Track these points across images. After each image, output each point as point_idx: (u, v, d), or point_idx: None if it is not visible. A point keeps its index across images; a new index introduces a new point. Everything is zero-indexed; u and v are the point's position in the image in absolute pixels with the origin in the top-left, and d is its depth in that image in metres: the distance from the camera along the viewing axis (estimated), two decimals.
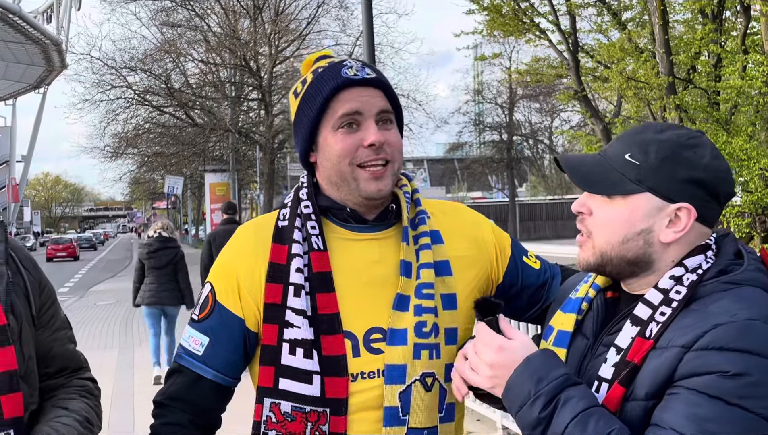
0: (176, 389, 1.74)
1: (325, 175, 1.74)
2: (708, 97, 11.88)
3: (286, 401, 1.65)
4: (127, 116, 31.99)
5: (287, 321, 1.66)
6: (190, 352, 1.73)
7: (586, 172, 1.52)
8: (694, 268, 1.44)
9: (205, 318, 1.73)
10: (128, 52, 30.02)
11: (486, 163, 51.61)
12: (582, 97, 14.39)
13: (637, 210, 1.46)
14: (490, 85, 50.38)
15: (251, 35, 28.68)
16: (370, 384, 1.65)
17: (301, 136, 1.75)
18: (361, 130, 1.69)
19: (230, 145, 31.65)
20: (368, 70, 1.73)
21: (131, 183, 50.62)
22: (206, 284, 1.78)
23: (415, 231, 1.76)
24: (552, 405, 1.37)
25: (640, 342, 1.40)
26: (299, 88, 1.77)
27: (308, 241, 1.71)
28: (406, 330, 1.67)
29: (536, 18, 14.53)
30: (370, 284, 1.70)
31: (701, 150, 1.45)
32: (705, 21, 11.91)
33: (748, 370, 1.29)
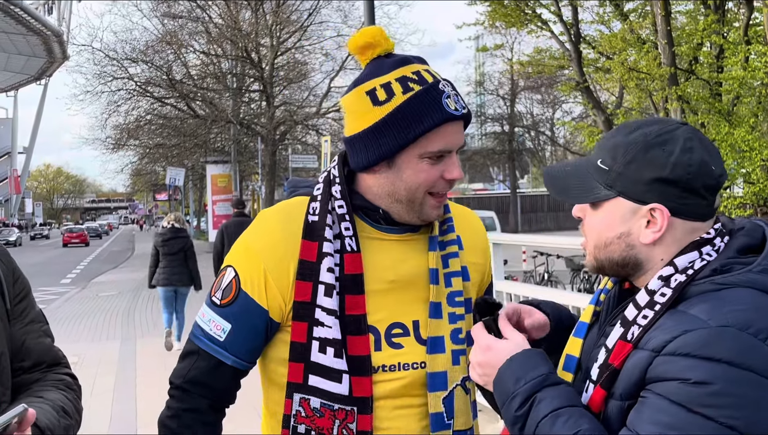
0: (196, 374, 1.73)
1: (388, 188, 1.71)
2: (710, 88, 11.86)
3: (315, 397, 1.67)
4: (129, 108, 32.01)
5: (317, 319, 1.68)
6: (210, 336, 1.72)
7: (564, 182, 1.55)
8: (685, 267, 1.42)
9: (229, 304, 1.72)
10: (129, 43, 30.04)
11: (488, 154, 51.62)
12: (584, 88, 14.37)
13: (613, 214, 1.47)
14: (492, 76, 50.39)
15: (252, 26, 28.64)
16: (390, 376, 1.70)
17: (378, 150, 1.68)
18: (443, 163, 1.68)
19: (232, 137, 31.63)
20: (461, 101, 1.71)
21: (133, 174, 50.62)
22: (228, 269, 1.75)
23: (443, 237, 1.79)
24: (528, 404, 1.41)
25: (621, 345, 1.41)
26: (382, 96, 1.68)
27: (341, 241, 1.71)
28: (443, 337, 1.72)
29: (538, 9, 14.50)
30: (395, 282, 1.73)
31: (670, 146, 1.42)
32: (707, 12, 11.87)
33: (711, 378, 1.28)
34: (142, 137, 35.00)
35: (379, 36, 1.74)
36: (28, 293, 1.81)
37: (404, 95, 1.66)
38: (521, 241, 11.19)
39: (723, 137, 10.52)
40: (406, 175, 1.68)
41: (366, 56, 1.74)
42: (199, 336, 1.74)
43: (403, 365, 1.70)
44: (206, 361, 1.72)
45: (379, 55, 1.73)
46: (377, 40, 1.73)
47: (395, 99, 1.67)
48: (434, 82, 1.69)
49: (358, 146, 1.72)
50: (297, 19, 30.31)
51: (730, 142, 10.39)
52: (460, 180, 1.75)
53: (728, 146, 10.49)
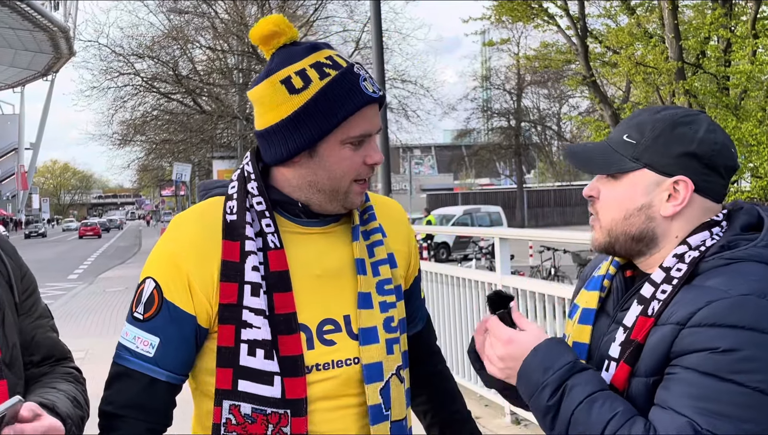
0: (129, 396, 1.63)
1: (310, 178, 1.66)
2: (717, 82, 11.82)
3: (246, 403, 1.60)
4: (135, 103, 32.04)
5: (245, 321, 1.61)
6: (138, 353, 1.63)
7: (588, 156, 1.59)
8: (697, 245, 1.48)
9: (152, 317, 1.63)
10: (136, 39, 30.06)
11: (494, 149, 51.56)
12: (591, 82, 14.34)
13: (636, 186, 1.51)
14: (498, 71, 50.28)
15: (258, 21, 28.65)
16: (325, 375, 1.64)
17: (298, 140, 1.63)
18: (363, 148, 1.65)
19: (238, 132, 31.63)
20: (376, 84, 1.68)
21: (139, 170, 50.67)
22: (147, 281, 1.67)
23: (366, 226, 1.76)
24: (559, 393, 1.42)
25: (642, 320, 1.45)
26: (298, 84, 1.62)
27: (263, 239, 1.65)
28: (376, 328, 1.68)
29: (545, 3, 14.46)
30: (322, 277, 1.68)
31: (696, 125, 1.50)
32: (715, 5, 11.83)
33: (739, 345, 1.32)
34: (149, 133, 35.04)
35: (283, 24, 1.68)
36: (36, 289, 1.82)
37: (321, 81, 1.62)
38: (528, 235, 11.19)
39: (730, 131, 10.48)
40: (329, 164, 1.64)
41: (271, 46, 1.68)
42: (126, 356, 1.65)
43: (337, 362, 1.65)
44: (138, 381, 1.63)
45: (285, 43, 1.68)
46: (281, 28, 1.68)
47: (313, 85, 1.62)
48: (349, 66, 1.66)
49: (276, 138, 1.65)
50: (303, 14, 30.29)
51: (738, 136, 10.36)
52: (379, 163, 1.70)
53: (736, 140, 10.45)
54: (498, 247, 6.56)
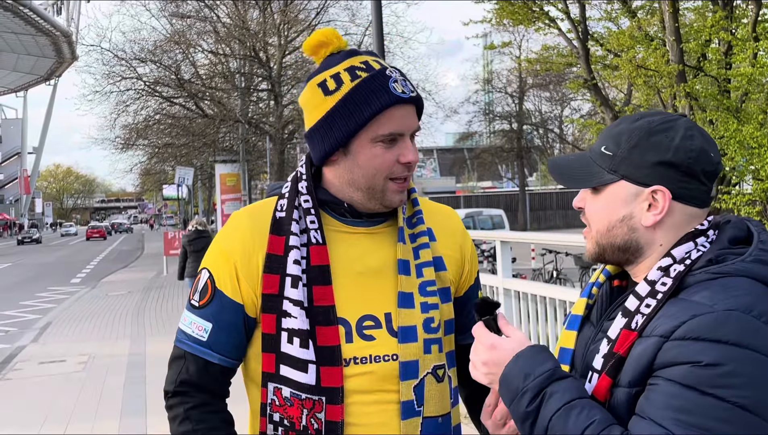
0: (186, 377, 1.77)
1: (347, 177, 1.77)
2: (718, 84, 11.82)
3: (286, 387, 1.71)
4: (138, 107, 32.04)
5: (284, 311, 1.72)
6: (194, 338, 1.77)
7: (568, 170, 1.61)
8: (683, 257, 1.48)
9: (206, 304, 1.77)
10: (138, 43, 30.07)
11: (496, 152, 51.58)
12: (592, 85, 14.35)
13: (616, 198, 1.53)
14: (500, 74, 50.31)
15: (260, 26, 28.66)
16: (362, 369, 1.72)
17: (332, 138, 1.74)
18: (397, 147, 1.74)
19: (240, 136, 31.66)
20: (409, 85, 1.77)
21: (142, 174, 50.73)
22: (203, 271, 1.81)
23: (413, 229, 1.83)
24: (538, 399, 1.43)
25: (626, 334, 1.46)
26: (332, 85, 1.75)
27: (306, 234, 1.76)
28: (415, 327, 1.75)
29: (545, 6, 14.48)
30: (364, 274, 1.77)
31: (672, 132, 1.49)
32: (715, 8, 11.84)
33: (722, 360, 1.32)
34: (151, 137, 35.06)
35: (332, 35, 1.81)
36: None
37: (352, 83, 1.73)
38: (530, 238, 11.19)
39: (732, 134, 10.48)
40: (361, 161, 1.74)
41: (320, 55, 1.81)
42: (183, 340, 1.79)
43: (375, 357, 1.73)
44: (194, 363, 1.77)
45: (332, 52, 1.80)
46: (329, 38, 1.80)
47: (344, 87, 1.73)
48: (381, 68, 1.76)
49: (316, 139, 1.78)
50: (305, 18, 30.32)
51: (739, 138, 10.36)
52: (417, 161, 1.79)
53: (737, 143, 10.46)
54: (499, 250, 6.58)
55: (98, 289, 22.34)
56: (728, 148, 10.59)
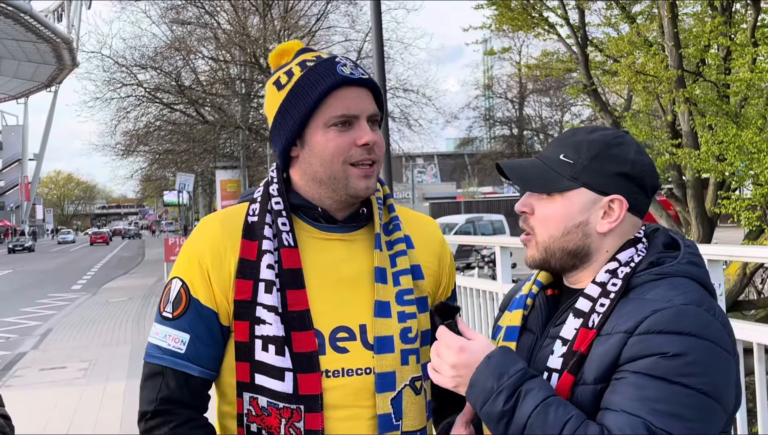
0: (167, 394, 1.67)
1: (309, 171, 1.72)
2: (718, 90, 11.82)
3: (262, 396, 1.65)
4: (138, 114, 32.08)
5: (258, 317, 1.65)
6: (171, 351, 1.68)
7: (525, 174, 1.65)
8: (627, 261, 1.57)
9: (181, 315, 1.68)
10: (138, 50, 30.12)
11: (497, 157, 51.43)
12: (591, 91, 14.35)
13: (574, 204, 1.59)
14: (500, 79, 50.35)
15: (261, 32, 28.70)
16: (334, 383, 1.66)
17: (286, 130, 1.71)
18: (354, 130, 1.69)
19: (241, 142, 31.68)
20: (361, 70, 1.73)
21: (142, 180, 50.71)
22: (174, 281, 1.72)
23: (389, 236, 1.78)
24: (514, 398, 1.45)
25: (584, 332, 1.51)
26: (284, 80, 1.72)
27: (278, 238, 1.70)
28: (392, 337, 1.69)
29: (545, 12, 14.49)
30: (338, 283, 1.71)
31: (626, 147, 1.60)
32: (714, 14, 11.85)
33: (686, 350, 1.41)
34: (152, 143, 35.09)
35: (293, 45, 1.80)
36: None
37: (301, 72, 1.71)
38: None
39: (731, 139, 10.48)
40: (317, 149, 1.69)
41: (281, 63, 1.80)
42: (158, 355, 1.69)
43: (348, 371, 1.67)
44: (174, 379, 1.67)
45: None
46: (291, 47, 1.80)
47: (293, 78, 1.72)
48: (331, 57, 1.74)
49: (274, 136, 1.76)
50: (305, 24, 30.37)
51: (738, 144, 10.36)
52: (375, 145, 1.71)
53: (736, 148, 10.46)
54: (499, 255, 6.58)
55: (99, 296, 22.34)
56: (728, 153, 10.59)
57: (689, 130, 11.50)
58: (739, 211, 10.71)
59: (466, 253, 26.85)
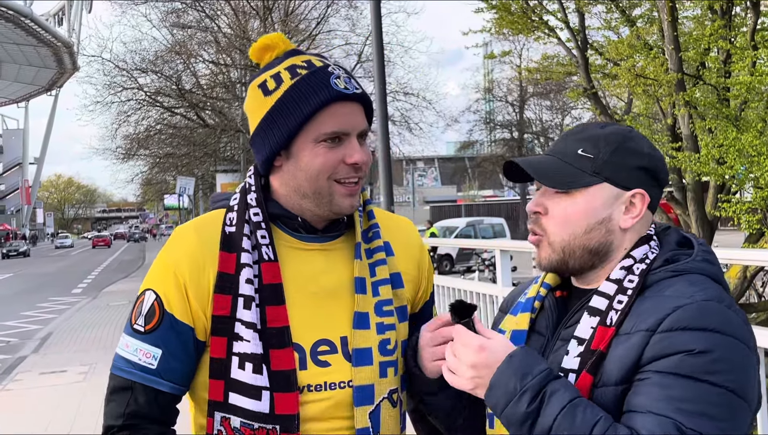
0: (136, 408, 1.61)
1: (292, 183, 1.65)
2: (718, 93, 11.82)
3: (235, 416, 1.58)
4: (139, 117, 32.12)
5: (236, 334, 1.59)
6: (141, 366, 1.61)
7: (543, 169, 1.58)
8: (642, 258, 1.53)
9: (154, 329, 1.61)
10: (139, 53, 30.16)
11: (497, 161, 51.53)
12: (592, 94, 14.36)
13: (596, 200, 1.54)
14: (501, 83, 50.38)
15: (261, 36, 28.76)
16: (316, 396, 1.61)
17: (272, 140, 1.63)
18: (343, 147, 1.62)
19: (241, 146, 31.69)
20: (354, 83, 1.66)
21: (143, 184, 50.74)
22: (147, 292, 1.65)
23: (369, 244, 1.72)
24: (539, 399, 1.39)
25: (602, 330, 1.46)
26: (271, 85, 1.64)
27: (258, 251, 1.64)
28: (370, 349, 1.65)
29: (545, 16, 14.49)
30: (318, 295, 1.66)
31: (639, 141, 1.57)
32: (714, 17, 11.86)
33: (711, 347, 1.37)
34: (152, 147, 35.12)
35: (278, 39, 1.72)
36: None
37: (292, 80, 1.63)
38: (528, 247, 11.18)
39: (731, 142, 10.49)
40: (303, 163, 1.62)
41: (264, 60, 1.71)
42: (128, 368, 1.63)
43: (330, 385, 1.62)
44: (142, 394, 1.61)
45: (278, 56, 1.70)
46: (275, 42, 1.71)
47: (283, 85, 1.63)
48: (323, 66, 1.65)
49: (257, 143, 1.67)
50: (305, 28, 30.41)
51: (738, 147, 10.36)
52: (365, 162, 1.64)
53: (736, 151, 10.46)
54: (499, 259, 6.58)
55: (99, 300, 22.34)
56: (728, 157, 10.59)
57: (689, 133, 11.50)
58: (740, 214, 10.72)
59: (467, 257, 26.86)
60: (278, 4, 28.93)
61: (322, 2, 29.45)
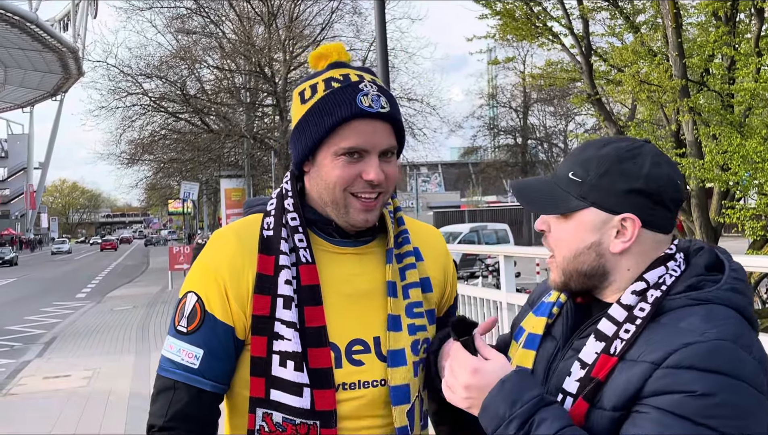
0: (177, 408, 1.67)
1: (316, 189, 1.73)
2: (722, 99, 11.82)
3: (277, 412, 1.65)
4: (143, 123, 32.23)
5: (276, 333, 1.65)
6: (184, 366, 1.68)
7: (534, 194, 1.58)
8: (657, 282, 1.48)
9: (196, 330, 1.68)
10: (144, 59, 30.28)
11: (500, 167, 51.65)
12: (596, 100, 14.36)
13: (584, 225, 1.51)
14: (504, 89, 50.48)
15: (266, 41, 28.80)
16: (351, 395, 1.68)
17: (301, 146, 1.72)
18: (362, 163, 1.67)
19: (245, 151, 31.76)
20: (383, 100, 1.70)
21: (147, 189, 50.88)
22: (189, 295, 1.72)
23: (399, 249, 1.79)
24: (526, 427, 1.39)
25: (604, 359, 1.43)
26: (308, 94, 1.72)
27: (296, 253, 1.70)
28: (404, 350, 1.71)
29: (549, 22, 14.50)
30: (352, 297, 1.72)
31: (641, 159, 1.49)
32: (718, 24, 11.86)
33: (715, 390, 1.32)
34: (157, 152, 35.22)
35: (333, 49, 1.78)
36: None
37: (324, 92, 1.69)
38: (534, 253, 11.19)
39: (735, 148, 10.49)
40: (323, 173, 1.69)
41: (319, 67, 1.78)
42: (172, 369, 1.69)
43: (364, 383, 1.69)
44: (185, 393, 1.67)
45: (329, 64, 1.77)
46: (329, 51, 1.78)
47: (315, 96, 1.70)
48: (357, 81, 1.70)
49: (292, 147, 1.76)
50: (310, 33, 30.48)
51: (743, 153, 10.36)
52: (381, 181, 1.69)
53: (740, 158, 10.46)
54: (503, 264, 6.59)
55: (103, 304, 22.36)
56: (732, 163, 10.59)
57: (693, 139, 11.50)
58: (744, 220, 10.71)
59: (470, 262, 26.84)
60: (283, 10, 29.01)
61: (327, 8, 29.54)
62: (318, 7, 30.04)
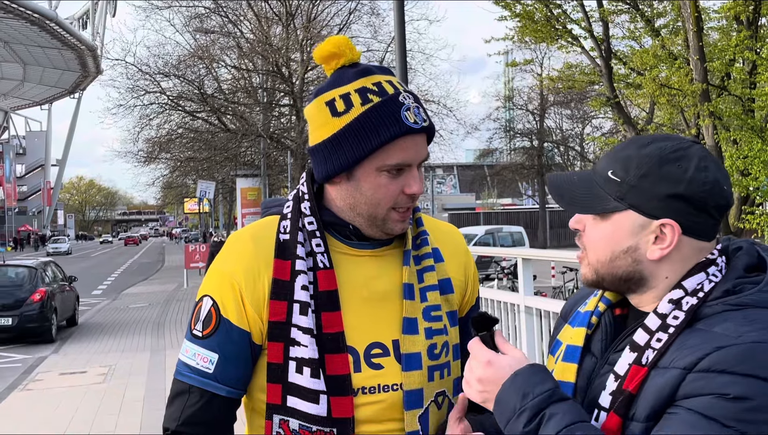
0: (191, 412, 1.66)
1: (349, 200, 1.69)
2: (743, 104, 11.74)
3: (294, 419, 1.63)
4: (161, 121, 32.30)
5: (293, 339, 1.63)
6: (198, 370, 1.66)
7: (571, 192, 1.51)
8: (694, 289, 1.40)
9: (211, 334, 1.66)
10: (162, 57, 30.33)
11: (516, 169, 51.50)
12: (614, 103, 14.30)
13: (621, 228, 1.44)
14: (521, 91, 50.32)
15: (283, 41, 28.84)
16: (370, 399, 1.65)
17: (338, 162, 1.65)
18: (403, 177, 1.65)
19: (261, 151, 31.80)
20: (423, 113, 1.67)
21: (164, 187, 51.06)
22: (205, 299, 1.70)
23: (417, 251, 1.76)
24: (537, 420, 1.36)
25: (636, 370, 1.38)
26: (341, 107, 1.65)
27: (313, 258, 1.68)
28: (420, 354, 1.68)
29: (569, 24, 14.46)
30: (370, 300, 1.70)
31: (685, 162, 1.40)
32: (740, 28, 11.78)
33: (749, 394, 1.27)
34: (174, 150, 35.33)
35: (344, 45, 1.70)
36: None
37: (362, 107, 1.63)
38: (550, 256, 11.14)
39: (756, 153, 10.42)
40: (365, 189, 1.66)
41: (331, 66, 1.71)
42: (186, 373, 1.68)
43: (383, 387, 1.66)
44: (199, 397, 1.66)
45: (344, 65, 1.70)
46: (341, 49, 1.70)
47: (353, 110, 1.64)
48: (395, 94, 1.66)
49: (319, 157, 1.69)
50: (327, 34, 30.47)
51: (763, 158, 10.29)
52: (422, 192, 1.69)
53: (761, 163, 10.39)
54: (521, 267, 6.55)
55: (119, 301, 22.47)
56: (752, 168, 10.52)
57: (713, 144, 11.42)
58: (764, 226, 10.62)
59: (486, 265, 26.76)
60: (301, 10, 29.06)
61: (345, 9, 29.55)
62: (336, 7, 30.05)
